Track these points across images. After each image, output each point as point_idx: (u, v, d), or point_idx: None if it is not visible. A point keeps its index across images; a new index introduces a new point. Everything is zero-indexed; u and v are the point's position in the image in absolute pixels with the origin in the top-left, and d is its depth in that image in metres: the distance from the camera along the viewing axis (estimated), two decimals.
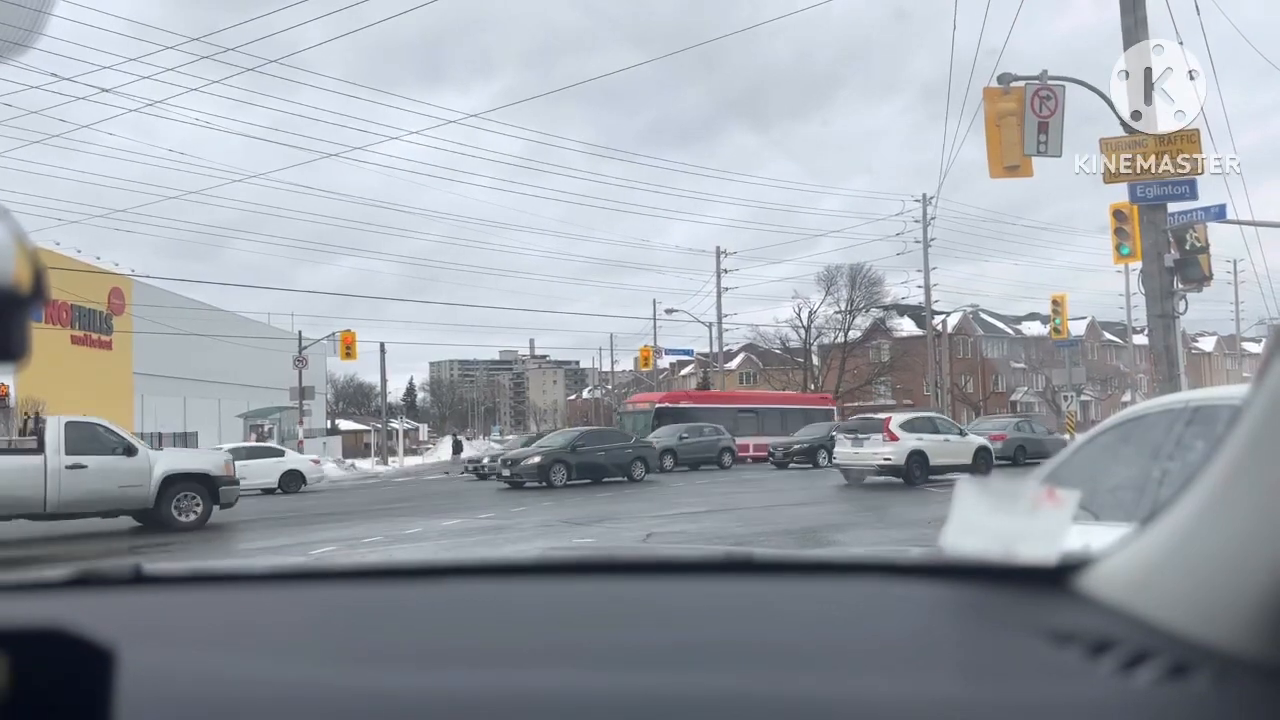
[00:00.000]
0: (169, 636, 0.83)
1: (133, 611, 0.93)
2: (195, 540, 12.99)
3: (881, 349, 56.57)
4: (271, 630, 0.87)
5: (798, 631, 0.81)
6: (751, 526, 12.75)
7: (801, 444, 29.49)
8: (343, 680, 0.69)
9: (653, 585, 1.01)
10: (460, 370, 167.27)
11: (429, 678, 0.71)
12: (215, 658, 0.75)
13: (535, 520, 14.47)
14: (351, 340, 35.38)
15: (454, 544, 12.09)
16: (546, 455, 22.78)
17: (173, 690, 0.68)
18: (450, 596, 0.97)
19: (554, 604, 0.92)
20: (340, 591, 1.02)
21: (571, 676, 0.71)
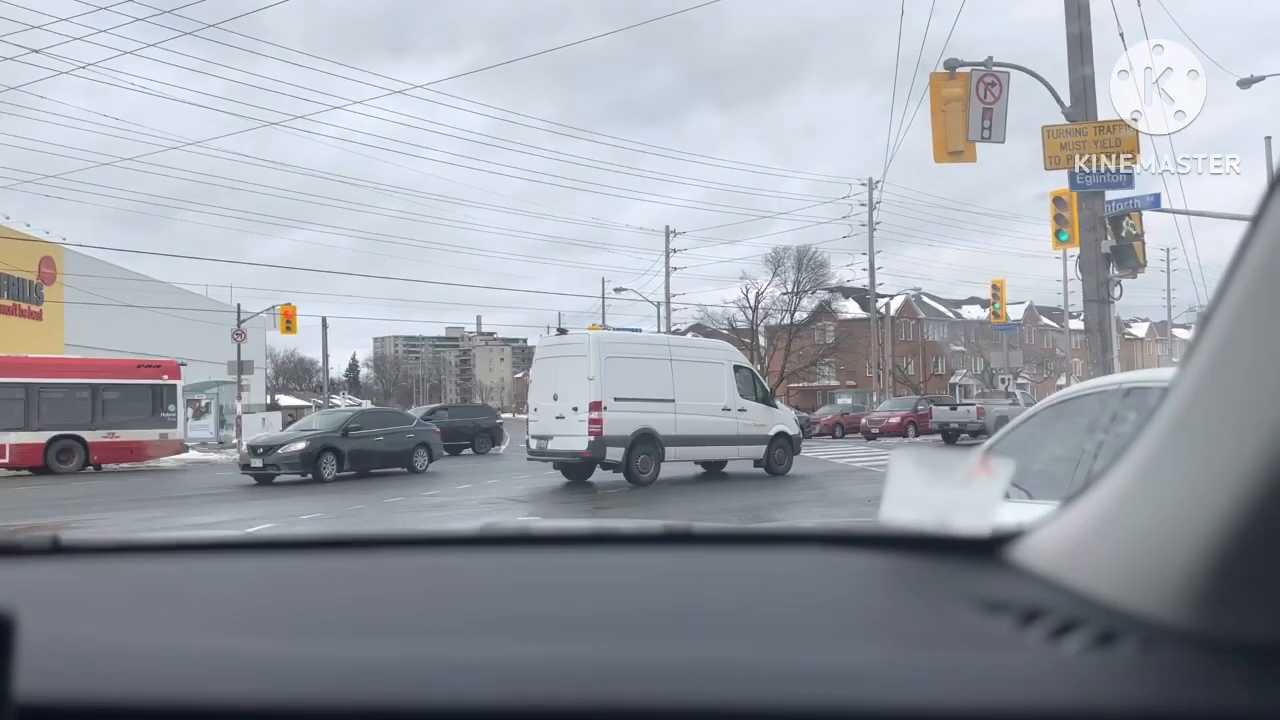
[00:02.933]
0: (82, 607, 0.81)
1: (47, 582, 0.91)
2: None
3: (827, 330, 57.27)
4: (190, 600, 0.85)
5: (735, 601, 0.81)
6: (694, 506, 12.85)
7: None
8: (260, 650, 0.68)
9: (592, 556, 1.00)
10: (405, 346, 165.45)
11: (358, 648, 0.69)
12: (130, 628, 0.73)
13: (479, 498, 14.41)
14: (291, 314, 34.67)
15: (401, 521, 11.99)
16: (314, 441, 18.17)
17: (81, 660, 0.65)
18: (379, 566, 0.96)
19: (492, 575, 0.91)
20: (259, 562, 1.00)
21: (509, 647, 0.70)
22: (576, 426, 14.98)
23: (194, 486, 18.67)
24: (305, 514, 12.69)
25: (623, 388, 15.08)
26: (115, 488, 18.20)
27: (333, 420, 19.96)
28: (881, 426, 32.91)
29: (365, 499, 14.46)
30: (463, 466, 22.11)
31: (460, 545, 1.06)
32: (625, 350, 16.12)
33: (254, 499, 15.27)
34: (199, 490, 17.62)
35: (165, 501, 15.24)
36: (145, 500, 15.34)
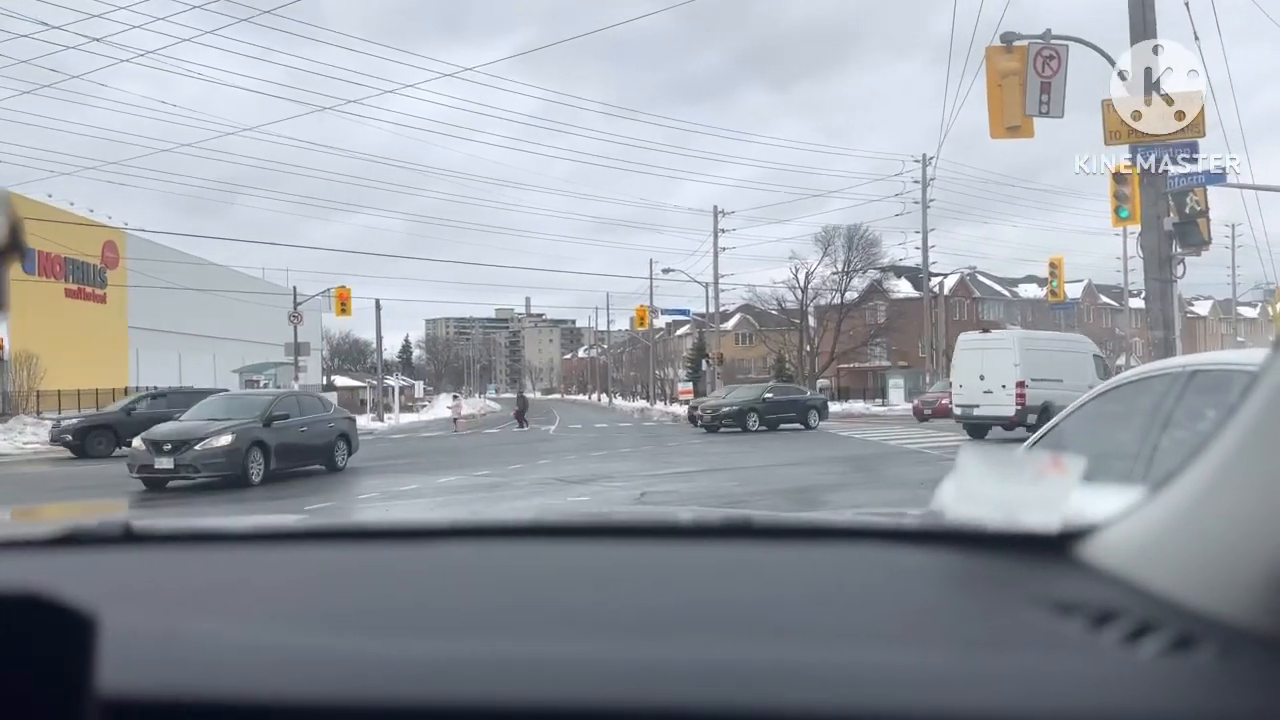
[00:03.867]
0: (157, 597, 0.82)
1: (121, 571, 0.92)
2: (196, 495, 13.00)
3: (878, 310, 56.52)
4: (262, 592, 0.86)
5: (796, 598, 0.80)
6: (746, 485, 12.82)
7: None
8: (333, 645, 0.68)
9: (649, 549, 1.00)
10: (456, 328, 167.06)
11: (423, 644, 0.70)
12: (204, 619, 0.74)
13: (531, 478, 14.53)
14: (346, 296, 35.21)
15: (450, 500, 12.15)
16: (240, 433, 14.30)
17: (158, 652, 0.66)
18: (444, 558, 0.96)
19: (549, 568, 0.91)
20: (333, 553, 1.01)
21: (567, 642, 0.70)
22: (1004, 399, 20.56)
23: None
24: (364, 494, 12.90)
25: (1033, 372, 20.45)
26: None
27: (248, 406, 15.68)
28: (934, 408, 32.38)
29: (417, 479, 14.65)
30: (508, 446, 22.29)
31: (515, 535, 1.06)
32: (1033, 344, 21.75)
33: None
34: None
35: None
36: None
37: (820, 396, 33.17)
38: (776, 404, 28.54)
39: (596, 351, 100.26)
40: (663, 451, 19.81)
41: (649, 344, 65.07)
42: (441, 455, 20.43)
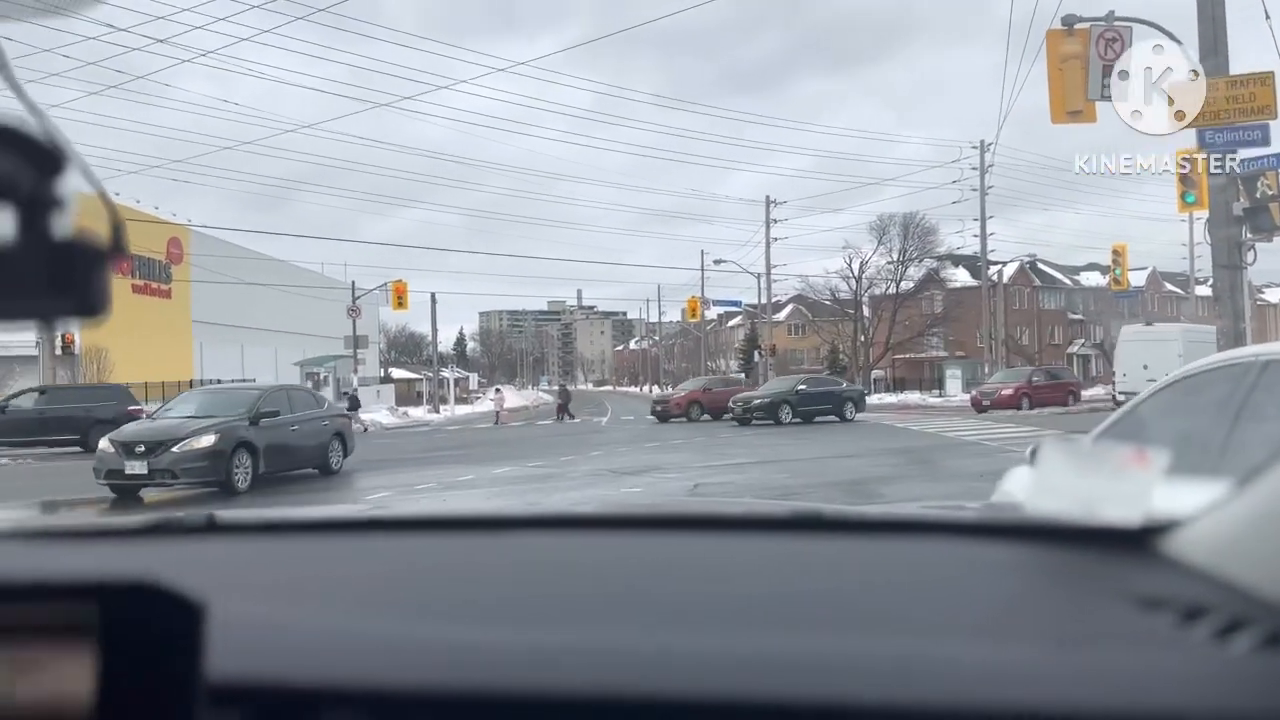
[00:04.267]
0: (242, 586, 0.85)
1: (206, 560, 0.94)
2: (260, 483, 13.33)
3: (935, 300, 55.65)
4: (343, 581, 0.88)
5: (872, 592, 0.80)
6: (799, 477, 12.75)
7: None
8: (413, 633, 0.70)
9: (719, 542, 1.00)
10: (509, 320, 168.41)
11: (498, 632, 0.71)
12: (288, 608, 0.76)
13: (584, 469, 14.62)
14: (402, 290, 35.73)
15: (505, 491, 12.28)
16: (225, 432, 12.52)
17: (257, 640, 0.68)
18: (524, 548, 0.98)
19: (627, 559, 0.92)
20: (412, 542, 1.03)
21: (638, 634, 0.71)
22: None
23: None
24: (421, 484, 13.09)
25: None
26: None
27: (234, 402, 13.79)
28: (993, 399, 31.77)
29: (472, 470, 14.83)
30: (559, 437, 22.44)
31: (584, 527, 1.07)
32: (1196, 337, 22.72)
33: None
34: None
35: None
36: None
37: (857, 388, 32.32)
38: (811, 396, 27.98)
39: (648, 343, 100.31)
40: (714, 444, 19.78)
41: (700, 335, 64.90)
42: (495, 447, 20.66)
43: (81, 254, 0.50)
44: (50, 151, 0.49)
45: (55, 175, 0.49)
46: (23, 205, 0.49)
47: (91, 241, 0.50)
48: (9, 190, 0.48)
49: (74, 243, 0.50)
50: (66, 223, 0.50)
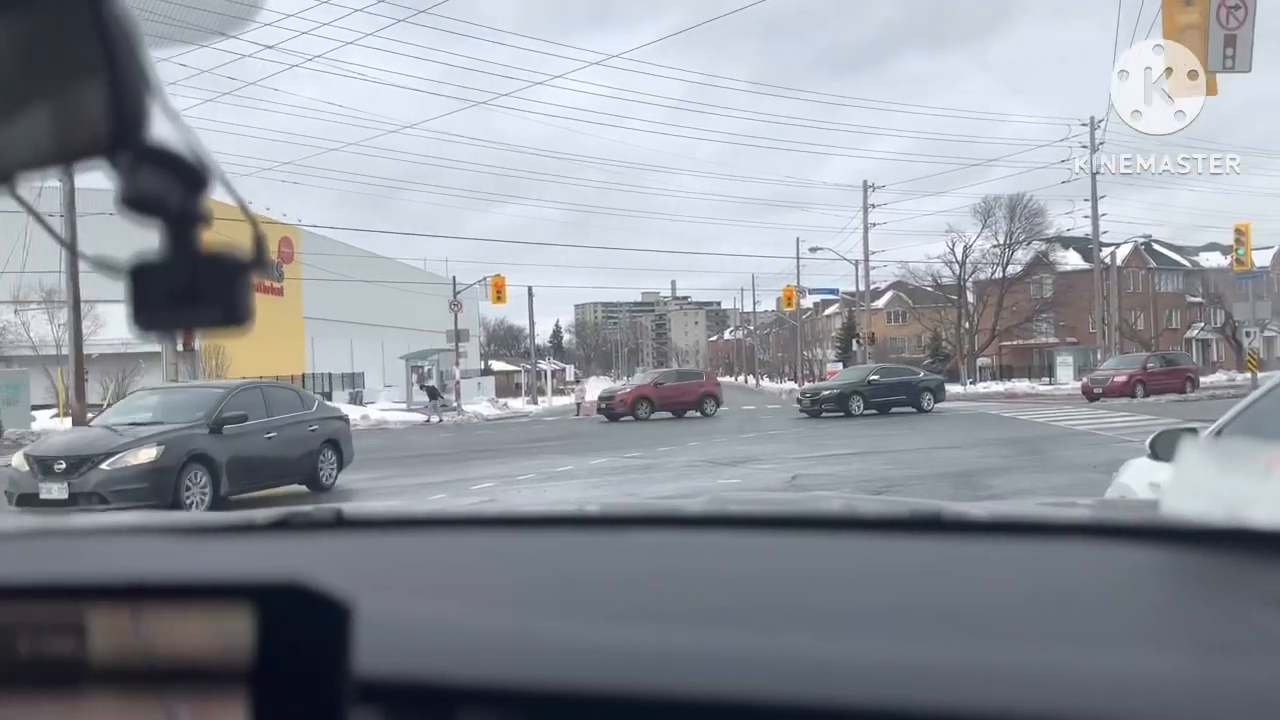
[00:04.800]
0: (372, 582, 0.87)
1: (336, 556, 0.96)
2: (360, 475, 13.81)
3: (1044, 284, 53.61)
4: (473, 577, 0.89)
5: (998, 597, 0.77)
6: (902, 469, 12.49)
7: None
8: (546, 631, 0.70)
9: (837, 542, 0.99)
10: (604, 312, 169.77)
11: (627, 632, 0.70)
12: (419, 604, 0.77)
13: (681, 460, 14.64)
14: (501, 284, 36.43)
15: (603, 482, 12.40)
16: (172, 444, 9.99)
17: (381, 637, 0.70)
18: (632, 545, 0.98)
19: (747, 559, 0.91)
20: (537, 539, 1.04)
21: (768, 636, 0.70)
22: None
23: None
24: (522, 475, 13.34)
25: None
26: None
27: (190, 405, 10.99)
28: (1105, 386, 30.38)
29: (571, 461, 15.03)
30: (672, 428, 22.48)
31: (714, 525, 1.06)
32: None
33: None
34: None
35: None
36: None
37: (935, 377, 30.63)
38: (884, 386, 26.71)
39: (742, 333, 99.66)
40: (813, 434, 19.54)
41: (796, 324, 64.14)
42: (592, 438, 20.87)
43: (226, 266, 0.52)
44: (197, 170, 0.51)
45: (201, 192, 0.52)
46: (172, 221, 0.51)
47: (234, 254, 0.52)
48: (160, 208, 0.51)
49: (219, 255, 0.52)
50: (212, 236, 0.52)
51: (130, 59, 0.47)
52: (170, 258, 0.51)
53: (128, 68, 0.47)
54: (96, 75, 0.47)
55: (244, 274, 0.53)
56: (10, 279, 26.95)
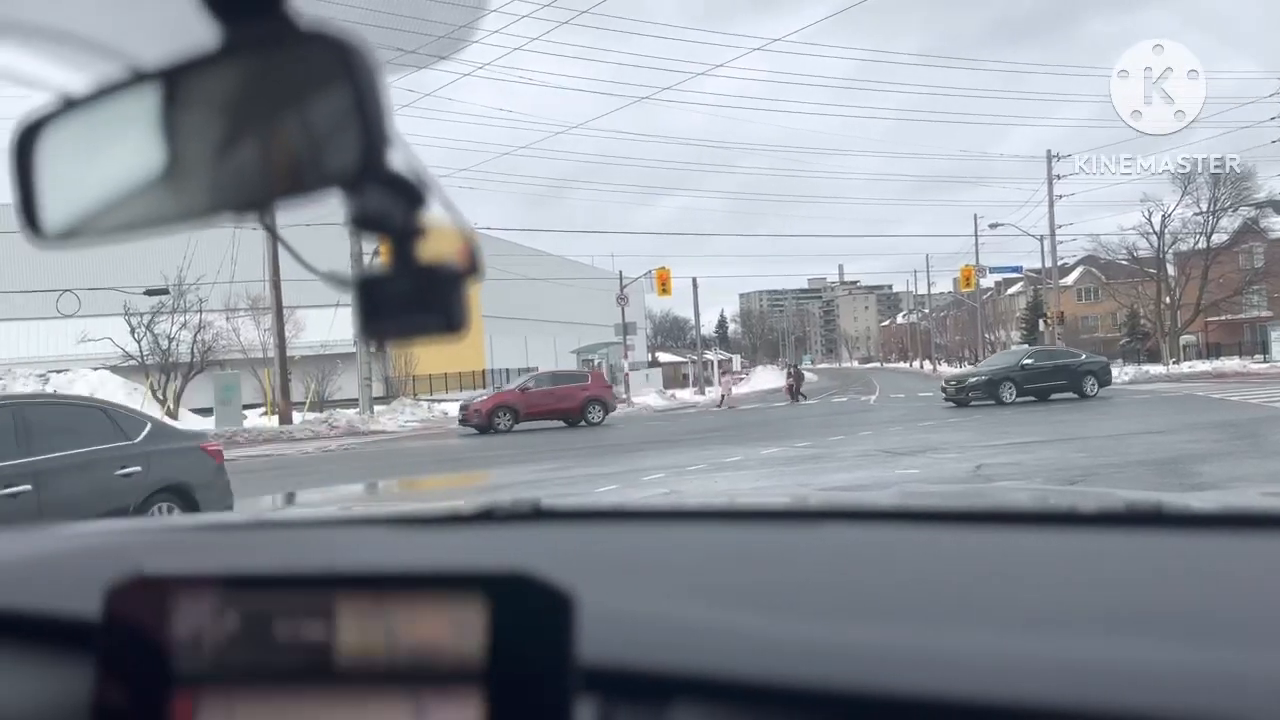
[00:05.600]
0: (570, 571, 0.88)
1: (535, 546, 0.98)
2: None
3: (1254, 254, 48.91)
4: (665, 568, 0.89)
5: (1237, 597, 0.69)
6: (1097, 457, 11.71)
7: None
8: (746, 624, 0.69)
9: (1041, 537, 0.92)
10: (769, 300, 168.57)
11: (820, 627, 0.69)
12: (618, 594, 0.77)
13: (853, 450, 14.31)
14: (666, 277, 36.80)
15: (775, 472, 12.30)
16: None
17: (594, 628, 0.70)
18: (824, 540, 0.95)
19: (940, 554, 0.87)
20: (729, 533, 1.03)
21: (965, 633, 0.66)
22: None
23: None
24: (692, 465, 13.43)
25: None
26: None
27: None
28: None
29: (741, 450, 14.98)
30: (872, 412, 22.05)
31: (902, 519, 1.02)
32: None
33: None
34: None
35: None
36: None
37: (1099, 359, 27.72)
38: (1039, 371, 24.51)
39: (916, 316, 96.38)
40: (995, 422, 18.64)
41: (975, 306, 61.40)
42: (761, 427, 20.75)
43: (444, 276, 0.55)
44: (416, 187, 0.54)
45: (420, 208, 0.55)
46: (395, 236, 0.55)
47: (451, 264, 0.55)
48: (385, 224, 0.54)
49: (437, 266, 0.55)
50: (430, 248, 0.55)
51: (375, 97, 0.51)
52: (394, 271, 0.55)
53: (373, 105, 0.50)
54: (347, 115, 0.50)
55: (460, 283, 0.56)
56: (221, 289, 29.58)
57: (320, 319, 31.12)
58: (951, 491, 1.88)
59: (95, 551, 1.00)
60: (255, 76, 0.53)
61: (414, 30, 0.77)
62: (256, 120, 0.54)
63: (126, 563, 0.67)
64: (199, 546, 1.09)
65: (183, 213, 0.55)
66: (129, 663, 0.63)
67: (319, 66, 0.51)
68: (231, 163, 0.54)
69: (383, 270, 0.55)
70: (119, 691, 0.63)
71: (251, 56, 0.53)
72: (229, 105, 0.54)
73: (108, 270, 25.71)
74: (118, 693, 0.63)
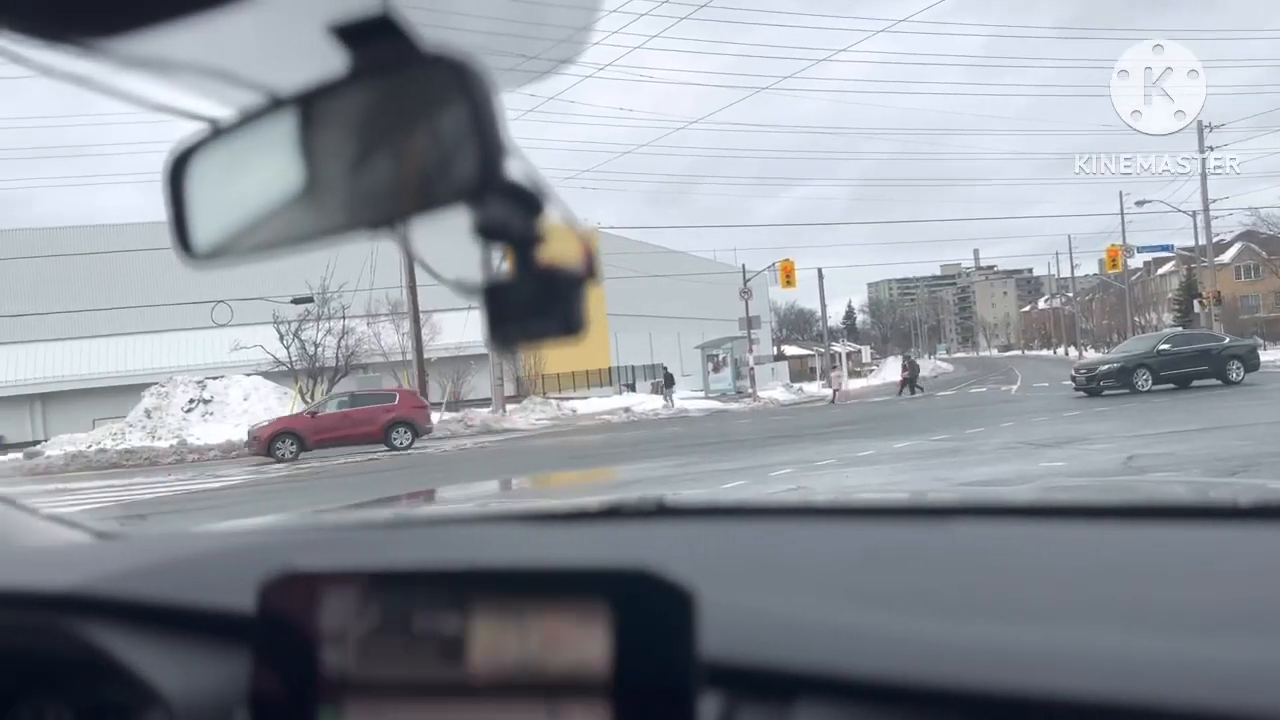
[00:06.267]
0: (693, 567, 0.88)
1: (658, 542, 0.99)
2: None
3: None
4: (791, 565, 0.88)
5: None
6: (1261, 445, 10.88)
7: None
8: (873, 622, 0.68)
9: (1190, 533, 0.86)
10: (899, 289, 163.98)
11: (950, 627, 0.66)
12: (742, 593, 0.77)
13: (994, 442, 13.77)
14: (790, 268, 36.33)
15: (910, 467, 11.97)
16: None
17: (718, 624, 0.70)
18: (955, 537, 0.92)
19: (1068, 551, 0.83)
20: (858, 529, 1.01)
21: (1110, 637, 0.62)
22: None
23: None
24: (822, 460, 13.23)
25: None
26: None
27: None
28: None
29: (873, 445, 14.65)
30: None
31: (1049, 516, 0.97)
32: None
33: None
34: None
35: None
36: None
37: (1245, 343, 25.56)
38: (1178, 357, 22.71)
39: (1059, 301, 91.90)
40: (1147, 409, 17.58)
41: (1123, 288, 58.08)
42: (893, 420, 20.24)
43: (563, 281, 0.56)
44: (535, 196, 0.56)
45: (540, 215, 0.57)
46: (515, 244, 0.56)
47: (570, 268, 0.57)
48: (506, 232, 0.56)
49: (557, 270, 0.56)
50: (548, 254, 0.57)
51: (491, 111, 0.52)
52: (515, 277, 0.57)
53: (490, 120, 0.52)
54: (466, 130, 0.52)
55: (578, 286, 0.57)
56: (362, 296, 31.00)
57: (454, 322, 32.21)
58: (1097, 485, 1.78)
59: (249, 550, 1.06)
60: (381, 98, 0.55)
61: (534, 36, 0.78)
62: (384, 139, 0.56)
63: (278, 560, 0.71)
64: (345, 544, 1.15)
65: (320, 230, 0.57)
66: (281, 653, 0.67)
67: (439, 86, 0.53)
68: (362, 180, 0.56)
69: (504, 276, 0.57)
70: (273, 680, 0.67)
71: (377, 79, 0.55)
72: (358, 126, 0.56)
73: (258, 281, 27.33)
74: (272, 681, 0.67)
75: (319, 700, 0.66)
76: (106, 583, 0.94)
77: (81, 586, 0.93)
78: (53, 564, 1.06)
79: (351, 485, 15.24)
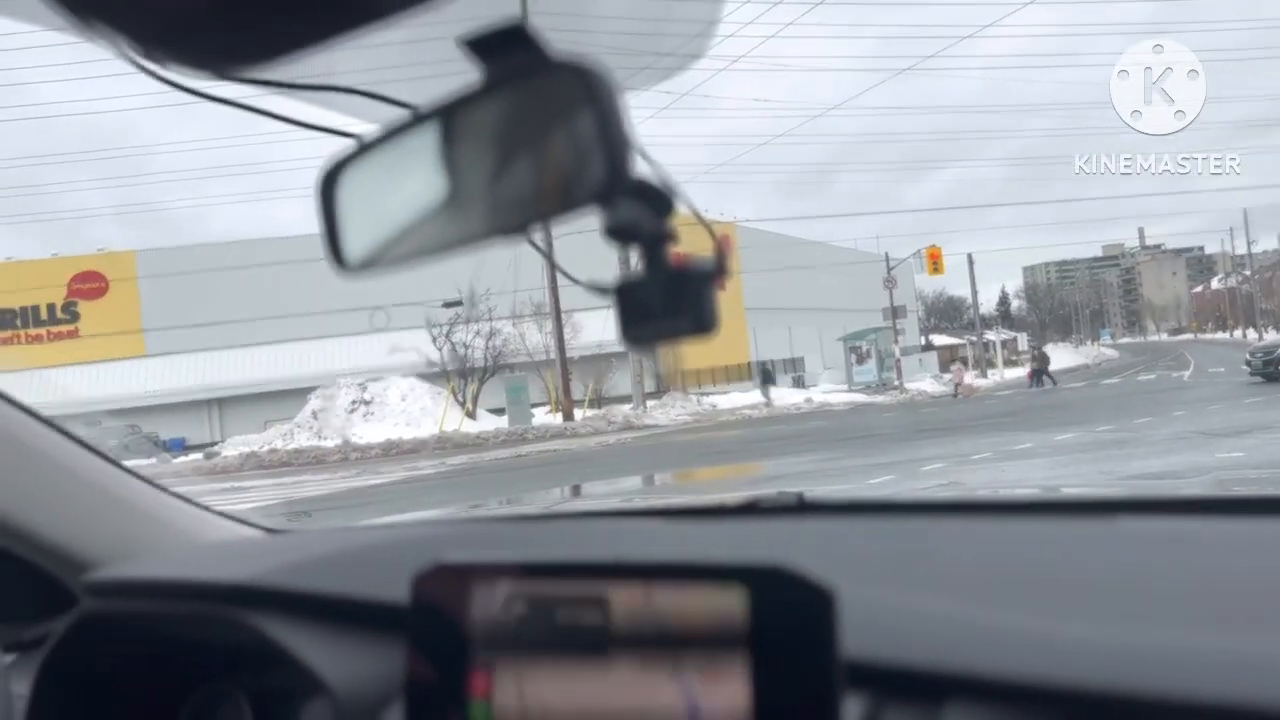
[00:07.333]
0: (832, 564, 0.87)
1: (798, 539, 0.98)
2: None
3: None
4: (933, 562, 0.86)
5: None
6: None
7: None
8: (1021, 625, 0.65)
9: None
10: (1058, 272, 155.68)
11: (1111, 629, 0.62)
12: (887, 591, 0.75)
13: (1164, 432, 12.89)
14: (937, 255, 35.08)
15: (1073, 460, 11.36)
16: None
17: (861, 622, 0.69)
18: (1118, 534, 0.87)
19: (1243, 548, 0.76)
20: (1006, 526, 0.97)
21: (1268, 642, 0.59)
22: None
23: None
24: (976, 454, 12.73)
25: None
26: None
27: None
28: None
29: (1031, 438, 13.98)
30: None
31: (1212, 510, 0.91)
32: None
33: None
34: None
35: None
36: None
37: None
38: None
39: (1235, 279, 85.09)
40: None
41: None
42: (1055, 411, 19.29)
43: (694, 278, 0.57)
44: (665, 196, 0.57)
45: (669, 215, 0.58)
46: (647, 244, 0.57)
47: (700, 265, 0.57)
48: (638, 233, 0.57)
49: (687, 269, 0.57)
50: (679, 252, 0.58)
51: (618, 115, 0.52)
52: (647, 277, 0.57)
53: (616, 123, 0.52)
54: (594, 134, 0.52)
55: (709, 283, 0.57)
56: (506, 297, 31.95)
57: (595, 321, 32.78)
58: (1268, 478, 1.65)
59: (405, 544, 1.11)
60: (513, 107, 0.56)
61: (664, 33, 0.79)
62: (517, 147, 0.57)
63: (430, 553, 0.74)
64: (493, 537, 1.19)
65: (461, 238, 0.59)
66: (434, 641, 0.70)
67: (566, 92, 0.53)
68: (499, 188, 0.57)
69: (634, 277, 0.58)
70: (426, 667, 0.70)
71: (509, 89, 0.56)
72: (494, 136, 0.57)
73: (411, 286, 28.71)
74: (425, 668, 0.70)
75: (469, 688, 0.68)
76: (275, 576, 1.00)
77: (253, 579, 1.00)
78: (227, 558, 1.14)
79: (504, 481, 15.75)
